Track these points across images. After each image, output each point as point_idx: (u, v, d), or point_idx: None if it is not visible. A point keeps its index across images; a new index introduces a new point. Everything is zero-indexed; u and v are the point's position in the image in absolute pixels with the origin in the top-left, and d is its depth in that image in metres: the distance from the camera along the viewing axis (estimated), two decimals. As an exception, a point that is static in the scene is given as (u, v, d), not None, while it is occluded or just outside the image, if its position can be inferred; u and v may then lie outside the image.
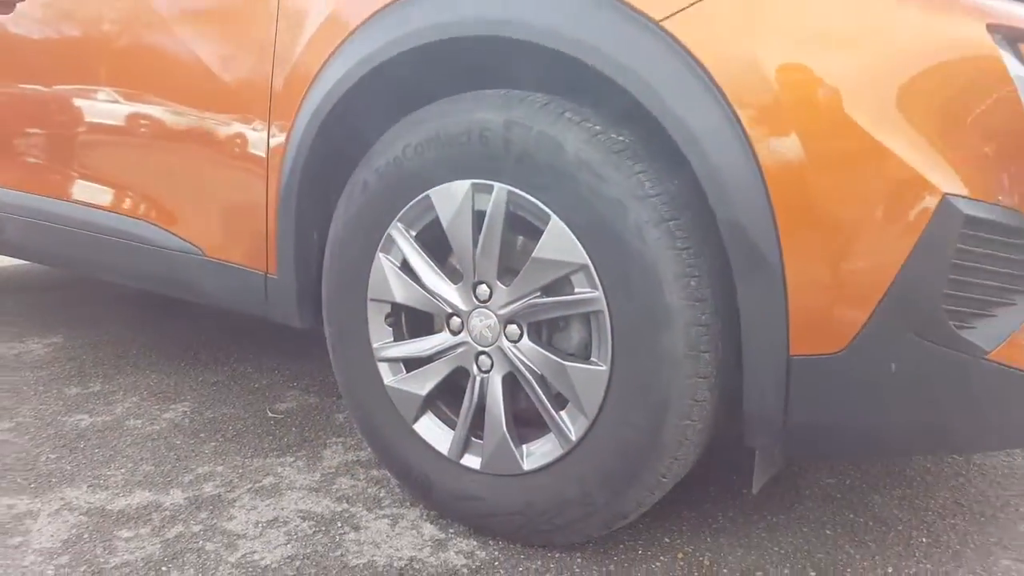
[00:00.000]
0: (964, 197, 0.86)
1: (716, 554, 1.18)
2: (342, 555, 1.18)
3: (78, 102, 1.68)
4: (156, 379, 1.97)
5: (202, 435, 1.63)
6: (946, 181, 0.86)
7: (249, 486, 1.40)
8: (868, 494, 1.37)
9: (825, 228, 0.89)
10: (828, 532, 1.25)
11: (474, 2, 1.08)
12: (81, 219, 1.74)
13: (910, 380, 0.92)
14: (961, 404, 0.94)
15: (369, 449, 1.49)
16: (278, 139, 1.33)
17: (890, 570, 1.15)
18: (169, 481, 1.42)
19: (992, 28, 0.87)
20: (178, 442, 1.59)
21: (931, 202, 0.85)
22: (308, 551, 1.19)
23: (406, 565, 1.15)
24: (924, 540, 1.23)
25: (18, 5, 1.77)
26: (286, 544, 1.21)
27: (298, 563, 1.16)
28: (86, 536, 1.24)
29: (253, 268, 1.44)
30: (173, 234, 1.56)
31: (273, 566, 1.15)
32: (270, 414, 1.75)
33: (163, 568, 1.15)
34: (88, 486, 1.41)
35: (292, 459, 1.51)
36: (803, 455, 1.17)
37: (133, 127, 1.58)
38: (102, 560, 1.17)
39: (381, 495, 1.36)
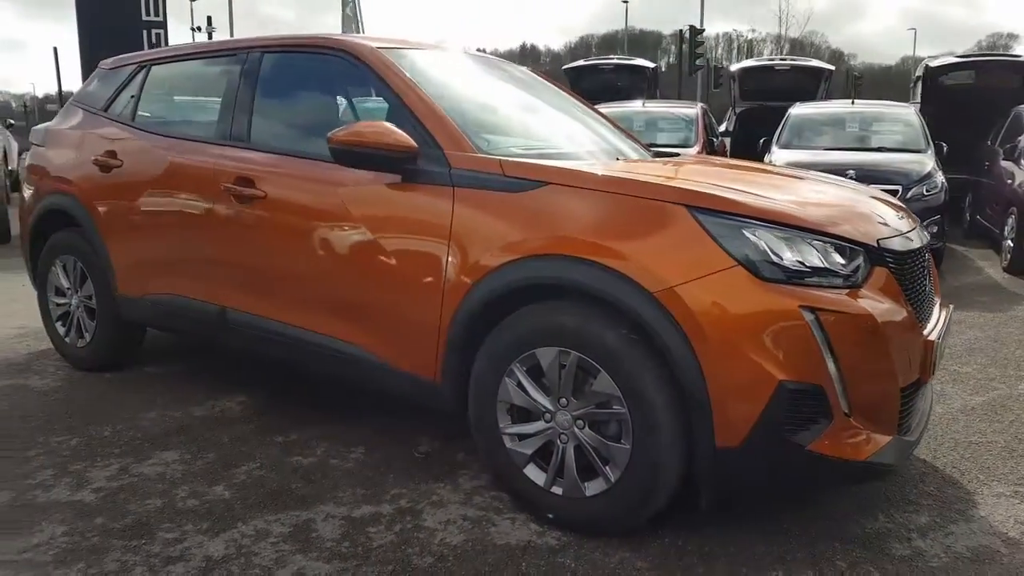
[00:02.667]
0: (788, 379, 1.95)
1: (686, 540, 2.26)
2: (491, 539, 2.26)
3: (309, 263, 2.73)
4: (330, 429, 3.05)
5: (381, 469, 2.72)
6: (780, 372, 1.95)
7: (426, 501, 2.48)
8: (777, 513, 2.45)
9: (727, 393, 1.98)
10: (747, 529, 2.34)
11: (553, 268, 2.17)
12: (297, 336, 2.81)
13: (770, 459, 2.01)
14: (795, 470, 2.04)
15: (487, 479, 2.57)
16: (449, 307, 2.39)
17: (760, 549, 2.24)
18: (379, 499, 2.50)
19: (801, 305, 1.96)
20: (370, 475, 2.68)
21: (772, 384, 1.94)
22: (472, 537, 2.27)
23: (526, 544, 2.24)
24: (783, 536, 2.33)
25: (255, 202, 2.84)
26: (459, 534, 2.29)
27: (470, 543, 2.24)
28: (350, 531, 2.32)
29: (426, 377, 2.52)
30: (369, 351, 2.63)
31: (459, 545, 2.23)
32: (416, 455, 2.83)
33: (402, 547, 2.23)
34: (333, 503, 2.48)
35: (443, 484, 2.60)
36: (728, 493, 2.26)
37: (350, 286, 2.64)
38: (367, 544, 2.25)
39: (501, 507, 2.45)
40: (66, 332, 3.81)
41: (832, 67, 11.80)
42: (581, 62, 12.11)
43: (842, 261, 2.08)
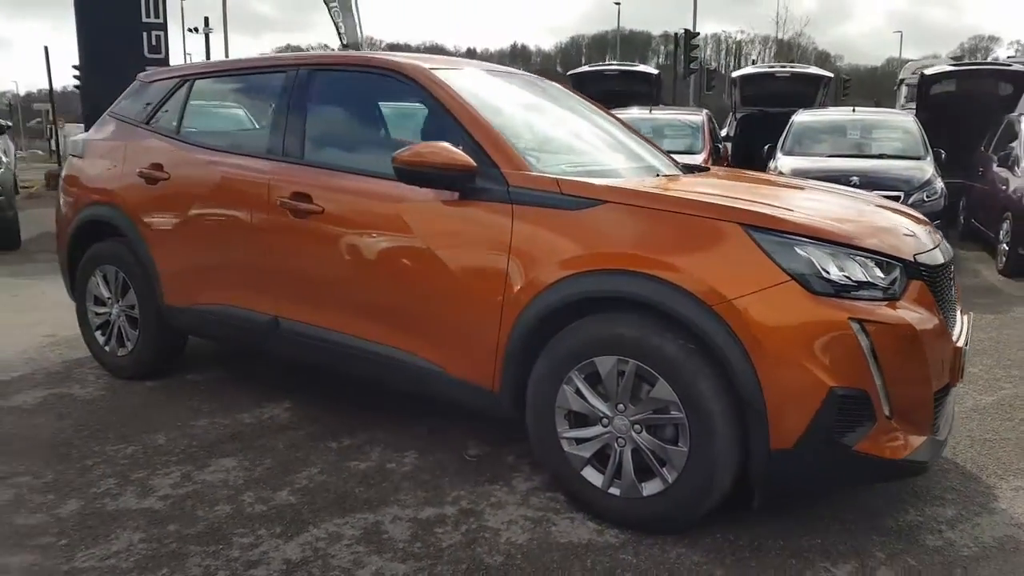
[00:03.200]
0: (838, 385, 2.11)
1: (737, 535, 2.41)
2: (553, 537, 2.40)
3: (368, 275, 2.86)
4: (383, 435, 3.17)
5: (437, 472, 2.84)
6: (830, 379, 2.11)
7: (485, 503, 2.62)
8: (816, 509, 2.61)
9: (782, 399, 2.13)
10: (792, 524, 2.49)
11: (614, 282, 2.32)
12: (353, 345, 2.93)
13: (819, 460, 2.17)
14: (841, 469, 2.20)
15: (540, 480, 2.71)
16: (508, 319, 2.52)
17: (805, 542, 2.39)
18: (440, 501, 2.63)
19: (850, 317, 2.12)
20: (427, 478, 2.80)
21: (824, 390, 2.10)
22: (536, 536, 2.41)
23: (587, 542, 2.38)
24: (825, 524, 2.49)
25: (310, 220, 2.96)
26: (523, 533, 2.43)
27: (535, 542, 2.38)
28: (419, 532, 2.45)
29: (484, 385, 2.65)
30: (428, 360, 2.76)
31: (524, 543, 2.36)
32: (467, 458, 2.96)
33: (471, 547, 2.36)
34: (397, 505, 2.61)
35: (498, 487, 2.73)
36: (781, 492, 2.42)
37: (409, 297, 2.77)
38: (437, 544, 2.37)
39: (559, 507, 2.58)
40: (106, 341, 3.90)
41: (831, 74, 12.10)
42: (586, 68, 12.33)
43: (882, 275, 2.24)
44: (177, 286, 3.51)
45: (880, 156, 7.51)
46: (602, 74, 11.29)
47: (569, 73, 11.99)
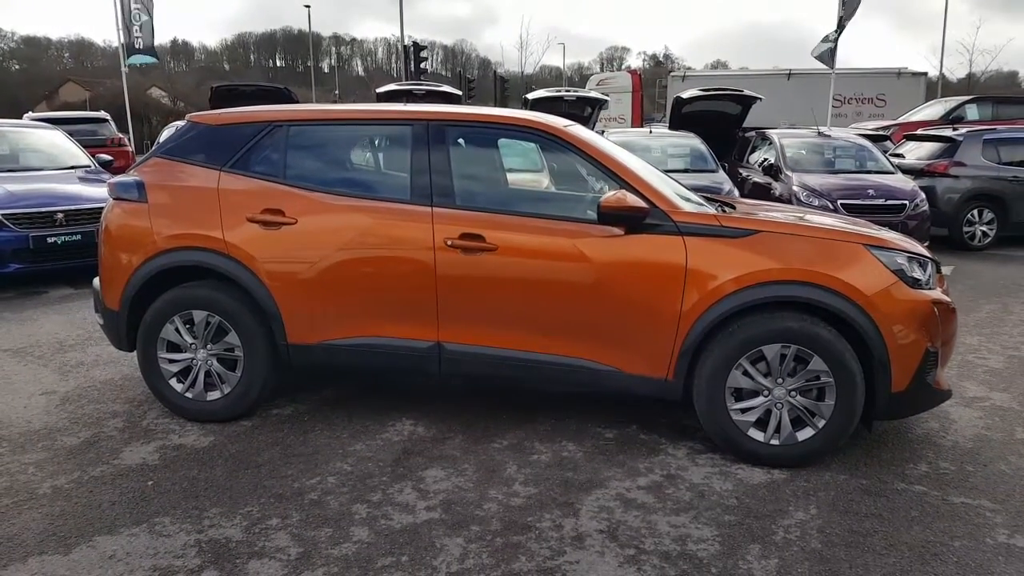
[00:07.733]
0: (930, 345, 3.31)
1: (850, 462, 3.51)
2: (746, 481, 3.29)
3: (549, 299, 3.44)
4: (522, 433, 3.74)
5: (605, 454, 3.54)
6: (926, 341, 3.30)
7: (671, 468, 3.40)
8: (874, 438, 3.80)
9: (899, 358, 3.27)
10: (876, 449, 3.65)
11: (783, 291, 3.27)
12: (526, 358, 3.50)
13: (917, 394, 3.36)
14: (926, 399, 3.44)
15: (687, 447, 3.56)
16: (686, 324, 3.34)
17: (895, 455, 3.60)
18: (637, 473, 3.35)
19: (930, 300, 3.33)
20: (605, 458, 3.49)
21: (923, 348, 3.29)
22: (734, 482, 3.27)
23: (770, 480, 3.30)
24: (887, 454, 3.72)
25: (489, 256, 3.45)
26: (724, 482, 3.27)
27: (739, 486, 3.24)
28: (659, 495, 3.16)
29: (658, 376, 3.42)
30: (606, 363, 3.45)
31: (734, 488, 3.22)
32: (603, 441, 3.69)
33: (703, 496, 3.14)
34: (614, 480, 3.28)
35: (663, 456, 3.52)
36: (890, 419, 3.59)
37: (591, 315, 3.42)
38: (681, 498, 3.12)
39: (723, 462, 3.45)
40: (186, 388, 3.84)
41: (606, 98, 14.05)
42: (393, 86, 12.85)
43: (926, 271, 3.49)
44: (305, 325, 3.67)
45: (685, 171, 9.28)
46: (410, 93, 11.95)
47: (377, 91, 12.44)
